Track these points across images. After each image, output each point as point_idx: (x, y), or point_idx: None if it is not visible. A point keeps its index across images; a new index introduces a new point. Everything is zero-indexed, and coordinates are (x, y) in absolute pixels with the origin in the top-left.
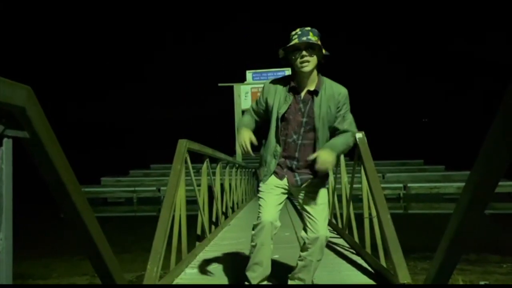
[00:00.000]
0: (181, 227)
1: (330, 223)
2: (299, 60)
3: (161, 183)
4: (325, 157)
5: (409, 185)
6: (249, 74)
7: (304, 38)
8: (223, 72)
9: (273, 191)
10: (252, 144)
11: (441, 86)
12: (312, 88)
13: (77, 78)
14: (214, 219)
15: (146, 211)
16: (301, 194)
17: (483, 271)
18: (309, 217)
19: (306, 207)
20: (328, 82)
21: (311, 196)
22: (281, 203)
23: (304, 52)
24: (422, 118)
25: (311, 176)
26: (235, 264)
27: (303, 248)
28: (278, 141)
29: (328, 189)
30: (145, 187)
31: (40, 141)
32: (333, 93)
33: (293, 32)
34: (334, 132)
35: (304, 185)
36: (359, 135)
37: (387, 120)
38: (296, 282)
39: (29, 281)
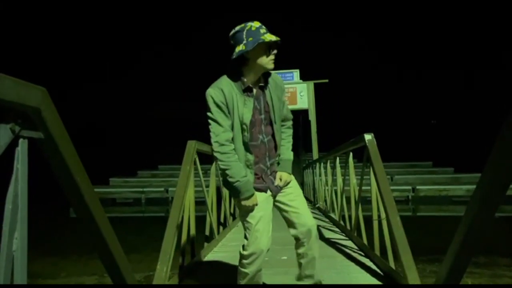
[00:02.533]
0: (190, 228)
1: (338, 225)
2: (270, 57)
3: (169, 183)
4: (286, 178)
5: (417, 187)
6: None
7: (274, 37)
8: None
9: (261, 210)
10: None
11: (450, 87)
12: (262, 83)
13: (77, 78)
14: (222, 220)
15: (154, 212)
16: (279, 194)
17: (493, 274)
18: (292, 212)
19: (287, 202)
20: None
21: (287, 191)
22: (271, 218)
23: (275, 50)
24: (430, 120)
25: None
26: None
27: (299, 245)
28: (247, 149)
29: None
30: (153, 187)
31: (55, 142)
32: (276, 82)
33: (257, 25)
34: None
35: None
36: (368, 136)
37: (395, 122)
38: (305, 281)
39: (38, 280)
